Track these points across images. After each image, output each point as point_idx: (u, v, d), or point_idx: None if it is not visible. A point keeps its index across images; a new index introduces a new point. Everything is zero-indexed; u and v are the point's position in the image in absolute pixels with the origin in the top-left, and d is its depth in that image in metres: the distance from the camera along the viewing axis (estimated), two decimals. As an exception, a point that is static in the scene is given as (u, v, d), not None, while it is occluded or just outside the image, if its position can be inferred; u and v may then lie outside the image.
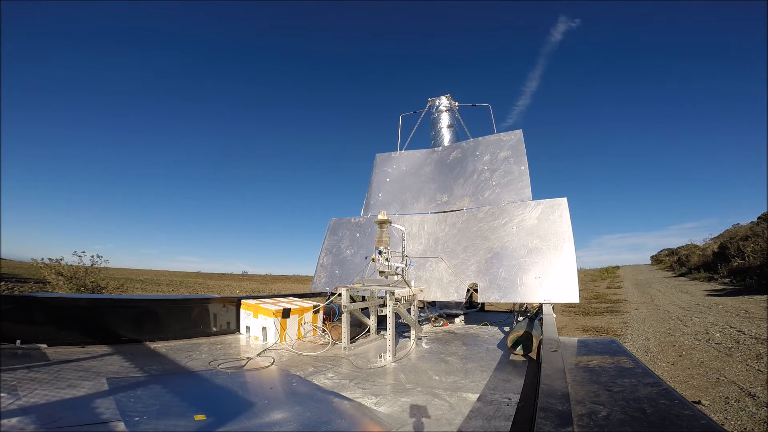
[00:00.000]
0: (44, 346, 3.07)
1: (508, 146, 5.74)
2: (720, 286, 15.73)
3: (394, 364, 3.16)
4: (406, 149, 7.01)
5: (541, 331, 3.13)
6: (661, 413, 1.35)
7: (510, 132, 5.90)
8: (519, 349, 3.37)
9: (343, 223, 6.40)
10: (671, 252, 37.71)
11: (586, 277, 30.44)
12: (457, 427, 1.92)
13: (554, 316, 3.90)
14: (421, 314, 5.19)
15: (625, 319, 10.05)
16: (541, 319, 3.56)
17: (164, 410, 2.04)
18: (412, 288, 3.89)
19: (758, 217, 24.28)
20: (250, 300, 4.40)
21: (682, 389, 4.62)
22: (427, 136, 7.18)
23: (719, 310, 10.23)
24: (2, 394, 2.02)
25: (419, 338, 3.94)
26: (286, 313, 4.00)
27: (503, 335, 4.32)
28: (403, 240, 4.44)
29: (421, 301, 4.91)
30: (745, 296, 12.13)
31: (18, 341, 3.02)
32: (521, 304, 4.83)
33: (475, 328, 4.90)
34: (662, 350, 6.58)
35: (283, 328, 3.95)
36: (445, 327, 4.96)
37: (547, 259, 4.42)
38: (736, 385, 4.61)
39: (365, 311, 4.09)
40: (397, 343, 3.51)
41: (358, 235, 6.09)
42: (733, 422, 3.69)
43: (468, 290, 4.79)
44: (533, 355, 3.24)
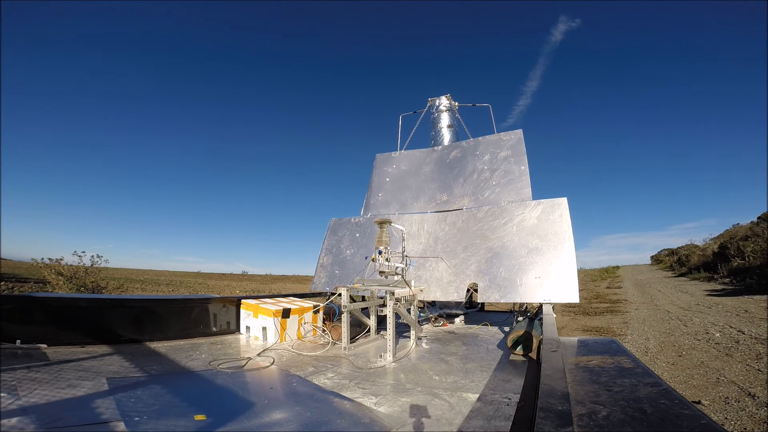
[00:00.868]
0: (44, 346, 3.07)
1: (508, 146, 5.74)
2: (720, 286, 15.73)
3: (394, 364, 3.16)
4: (406, 149, 7.01)
5: (541, 331, 3.13)
6: (661, 413, 1.35)
7: (510, 132, 5.90)
8: (519, 349, 3.37)
9: (343, 223, 6.40)
10: (671, 252, 37.71)
11: (586, 277, 30.44)
12: (457, 427, 1.92)
13: (554, 316, 3.90)
14: (421, 314, 5.19)
15: (625, 319, 10.05)
16: (541, 319, 3.56)
17: (164, 410, 2.04)
18: (412, 288, 3.89)
19: (758, 217, 24.28)
20: (250, 300, 4.40)
21: (682, 389, 4.63)
22: (427, 136, 7.19)
23: (719, 310, 10.23)
24: (2, 394, 2.02)
25: (419, 338, 3.94)
26: (286, 313, 4.01)
27: (503, 335, 4.32)
28: (403, 240, 4.44)
29: (421, 301, 4.91)
30: (745, 296, 12.13)
31: (18, 341, 3.02)
32: (521, 304, 4.83)
33: (475, 328, 4.90)
34: (662, 350, 6.59)
35: (283, 328, 3.95)
36: (445, 327, 4.96)
37: (547, 259, 4.42)
38: (736, 385, 4.61)
39: (365, 311, 4.09)
40: (397, 343, 3.51)
41: (358, 235, 6.09)
42: (733, 422, 3.69)
43: (468, 290, 4.79)
44: (533, 355, 3.24)
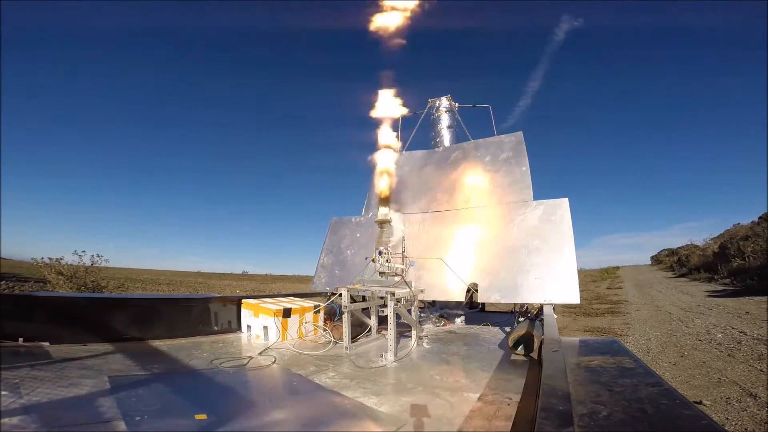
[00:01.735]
0: (46, 344, 3.08)
1: (509, 147, 5.74)
2: (720, 287, 15.69)
3: (395, 363, 3.16)
4: (406, 150, 7.00)
5: (543, 332, 3.13)
6: (662, 413, 1.35)
7: (511, 134, 5.89)
8: (520, 349, 3.37)
9: (343, 223, 6.40)
10: (671, 252, 37.59)
11: (587, 278, 30.40)
12: (458, 427, 1.92)
13: (555, 316, 3.90)
14: (422, 314, 5.19)
15: (626, 320, 10.05)
16: (542, 320, 3.56)
17: (166, 409, 2.05)
18: (413, 288, 3.89)
19: (759, 217, 24.23)
20: (251, 300, 4.41)
21: (684, 389, 4.62)
22: (427, 137, 7.18)
23: (720, 311, 10.22)
24: (5, 392, 2.03)
25: (420, 338, 3.95)
26: (287, 313, 4.01)
27: (504, 335, 4.32)
28: (404, 240, 4.44)
29: (421, 302, 4.91)
30: (746, 297, 12.10)
31: (20, 339, 3.03)
32: (522, 305, 4.83)
33: (476, 328, 4.90)
34: (664, 350, 6.58)
35: (285, 328, 3.96)
36: (446, 327, 4.96)
37: (547, 259, 4.42)
38: (737, 386, 4.61)
39: (366, 311, 4.10)
40: (398, 342, 3.51)
41: (358, 235, 6.09)
42: (734, 422, 3.69)
43: (468, 290, 4.79)
44: (534, 355, 3.24)
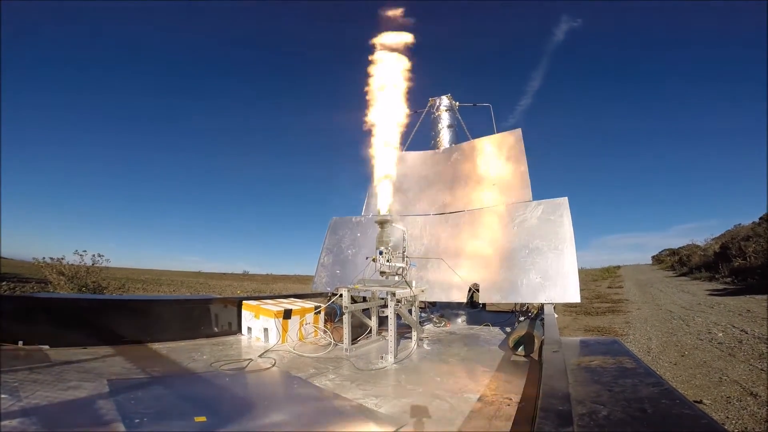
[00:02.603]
0: (46, 347, 3.08)
1: (509, 146, 5.74)
2: (721, 286, 15.69)
3: (395, 365, 3.16)
4: (406, 149, 7.00)
5: (543, 332, 3.13)
6: (661, 413, 1.34)
7: (509, 132, 5.88)
8: (520, 350, 3.36)
9: (344, 222, 6.40)
10: (672, 252, 37.58)
11: (588, 277, 30.37)
12: (458, 428, 1.92)
13: (556, 316, 3.90)
14: (423, 315, 5.18)
15: (626, 319, 10.03)
16: (543, 320, 3.55)
17: (165, 412, 2.05)
18: (414, 289, 3.89)
19: (760, 218, 24.19)
20: (252, 301, 4.40)
21: (684, 389, 4.61)
22: (427, 137, 7.18)
23: (721, 309, 10.21)
24: (4, 396, 2.03)
25: (420, 339, 3.94)
26: (288, 314, 4.01)
27: (504, 336, 4.31)
28: (404, 240, 4.44)
29: (422, 302, 4.91)
30: (747, 296, 12.09)
31: (20, 342, 3.02)
32: (522, 305, 4.82)
33: (477, 329, 4.89)
34: (664, 350, 6.57)
35: (285, 330, 3.95)
36: (447, 328, 4.96)
37: (548, 259, 4.41)
38: (738, 385, 4.60)
39: (366, 312, 4.09)
40: (398, 344, 3.51)
41: (359, 235, 6.09)
42: (734, 421, 3.68)
43: (469, 291, 4.79)
44: (535, 355, 3.23)
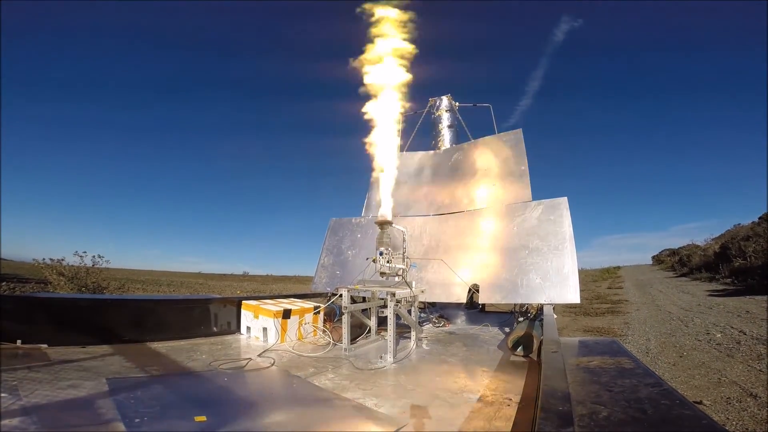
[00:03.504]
0: (45, 346, 3.08)
1: (509, 146, 5.74)
2: (721, 287, 15.68)
3: (394, 365, 3.16)
4: (407, 150, 7.00)
5: (542, 332, 3.13)
6: (661, 413, 1.34)
7: (510, 132, 5.89)
8: (520, 350, 3.36)
9: (343, 223, 6.40)
10: (672, 252, 37.58)
11: (587, 278, 30.37)
12: (458, 428, 1.92)
13: (555, 316, 3.89)
14: (422, 315, 5.18)
15: (626, 320, 10.03)
16: (542, 320, 3.55)
17: (165, 411, 2.05)
18: (413, 289, 3.89)
19: (759, 218, 24.21)
20: (251, 300, 4.40)
21: (684, 389, 4.61)
22: (427, 137, 7.18)
23: (720, 310, 10.20)
24: (3, 394, 2.02)
25: (420, 339, 3.94)
26: (287, 314, 4.01)
27: (504, 336, 4.31)
28: (404, 241, 4.44)
29: (422, 303, 4.91)
30: (747, 296, 12.09)
31: (19, 341, 3.02)
32: (522, 305, 4.82)
33: (476, 329, 4.89)
34: (663, 351, 6.57)
35: (284, 329, 3.95)
36: (446, 328, 4.95)
37: (547, 259, 4.41)
38: (737, 386, 4.60)
39: (366, 312, 4.09)
40: (397, 344, 3.51)
41: (359, 236, 6.09)
42: (734, 422, 3.68)
43: (469, 291, 4.79)
44: (534, 355, 3.23)
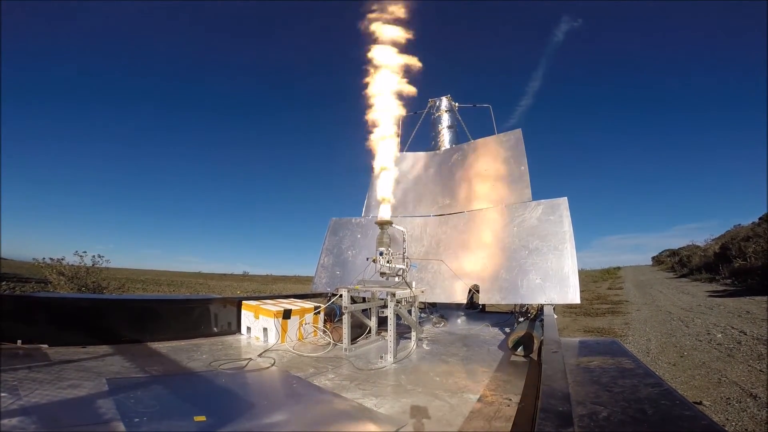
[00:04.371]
0: (45, 346, 3.08)
1: (508, 146, 5.74)
2: (721, 287, 15.68)
3: (395, 365, 3.16)
4: (406, 150, 7.00)
5: (542, 332, 3.13)
6: (661, 414, 1.34)
7: (509, 132, 5.89)
8: (520, 350, 3.36)
9: (343, 224, 6.40)
10: (672, 253, 37.58)
11: (587, 278, 30.38)
12: (458, 428, 1.92)
13: (555, 317, 3.89)
14: (422, 315, 5.18)
15: (626, 320, 10.04)
16: (542, 320, 3.55)
17: (165, 411, 2.05)
18: (413, 289, 3.89)
19: (759, 218, 24.23)
20: (251, 301, 4.40)
21: (684, 390, 4.61)
22: (427, 137, 7.18)
23: (721, 311, 10.20)
24: (3, 394, 2.02)
25: (420, 339, 3.94)
26: (287, 314, 4.01)
27: (504, 336, 4.31)
28: (404, 241, 4.44)
29: (422, 303, 4.91)
30: (747, 297, 12.09)
31: (19, 341, 3.02)
32: (522, 305, 4.83)
33: (476, 330, 4.89)
34: (663, 351, 6.57)
35: (284, 330, 3.95)
36: (446, 328, 4.95)
37: (548, 259, 4.41)
38: (737, 386, 4.60)
39: (366, 312, 4.09)
40: (397, 344, 3.51)
41: (359, 236, 6.09)
42: (734, 423, 3.68)
43: (469, 291, 4.79)
44: (534, 356, 3.23)
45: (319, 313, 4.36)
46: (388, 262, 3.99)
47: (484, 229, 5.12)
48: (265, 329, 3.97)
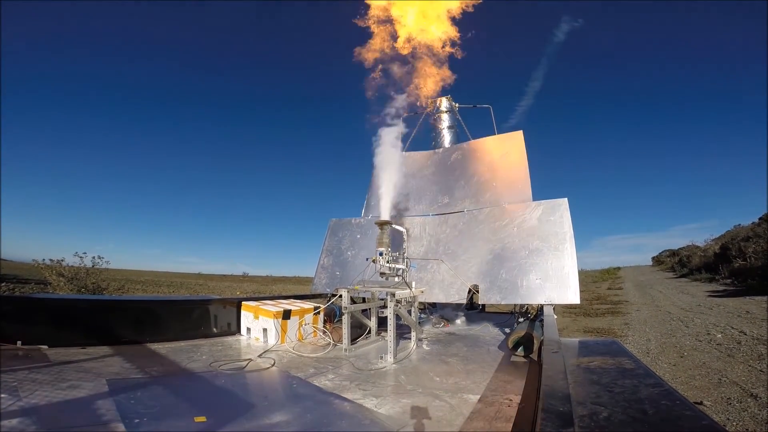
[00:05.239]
0: (45, 347, 3.07)
1: (509, 147, 5.74)
2: (721, 287, 15.69)
3: (394, 365, 3.16)
4: (406, 151, 7.00)
5: (542, 333, 3.13)
6: (662, 414, 1.34)
7: (510, 133, 5.89)
8: (520, 351, 3.36)
9: (343, 224, 6.40)
10: (672, 253, 37.58)
11: (587, 278, 30.38)
12: (458, 428, 1.92)
13: (555, 317, 3.89)
14: (422, 316, 5.18)
15: (626, 320, 10.04)
16: (542, 321, 3.55)
17: (165, 411, 2.04)
18: (413, 289, 3.89)
19: (759, 218, 24.23)
20: (251, 301, 4.40)
21: (684, 390, 4.61)
22: (427, 138, 7.18)
23: (720, 311, 10.20)
24: (3, 395, 2.02)
25: (420, 339, 3.94)
26: (287, 315, 4.00)
27: (504, 336, 4.31)
28: (404, 241, 4.43)
29: (422, 303, 4.90)
30: (747, 297, 12.10)
31: (19, 342, 3.02)
32: (522, 306, 4.82)
33: (476, 330, 4.89)
34: (663, 351, 6.57)
35: (284, 330, 3.95)
36: (446, 328, 4.95)
37: (547, 260, 4.41)
38: (737, 386, 4.60)
39: (366, 313, 4.09)
40: (397, 344, 3.51)
41: (358, 236, 6.08)
42: (734, 423, 3.68)
43: (469, 292, 4.79)
44: (534, 356, 3.23)
45: (319, 313, 4.36)
46: (388, 262, 4.00)
47: (484, 228, 5.12)
48: (265, 330, 3.96)
